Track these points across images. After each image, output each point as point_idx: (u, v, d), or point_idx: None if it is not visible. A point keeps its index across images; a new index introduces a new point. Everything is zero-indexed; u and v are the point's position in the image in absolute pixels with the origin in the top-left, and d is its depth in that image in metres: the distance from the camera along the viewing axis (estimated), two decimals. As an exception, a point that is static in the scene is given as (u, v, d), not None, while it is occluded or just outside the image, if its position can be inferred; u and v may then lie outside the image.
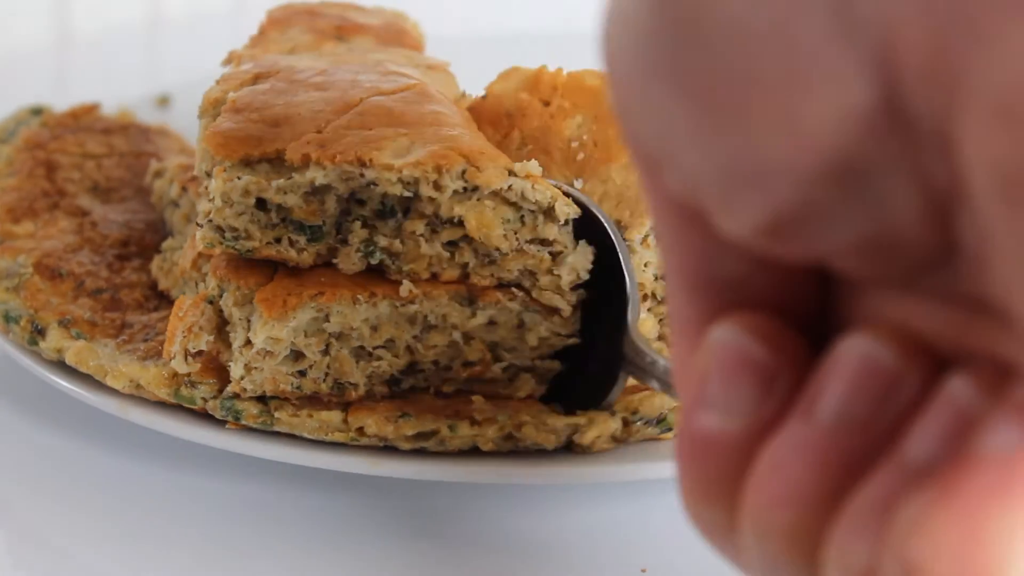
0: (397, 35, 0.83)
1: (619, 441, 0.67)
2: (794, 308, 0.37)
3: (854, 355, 0.35)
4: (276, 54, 0.78)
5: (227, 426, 0.67)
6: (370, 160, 0.65)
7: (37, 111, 0.89)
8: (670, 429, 0.68)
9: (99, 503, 0.69)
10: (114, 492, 0.69)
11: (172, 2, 1.38)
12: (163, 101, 0.99)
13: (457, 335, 0.67)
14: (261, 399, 0.67)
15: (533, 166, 0.66)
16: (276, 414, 0.66)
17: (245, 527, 0.67)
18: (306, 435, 0.66)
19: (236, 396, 0.67)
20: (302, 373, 0.66)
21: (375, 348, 0.66)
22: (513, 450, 0.66)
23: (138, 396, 0.68)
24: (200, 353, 0.67)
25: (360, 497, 0.69)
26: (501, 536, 0.67)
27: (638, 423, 0.67)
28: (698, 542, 0.66)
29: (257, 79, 0.72)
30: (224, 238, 0.66)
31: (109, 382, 0.69)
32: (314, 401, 0.67)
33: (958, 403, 0.33)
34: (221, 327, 0.67)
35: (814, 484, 0.35)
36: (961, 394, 0.33)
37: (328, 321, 0.66)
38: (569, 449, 0.67)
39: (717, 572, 0.64)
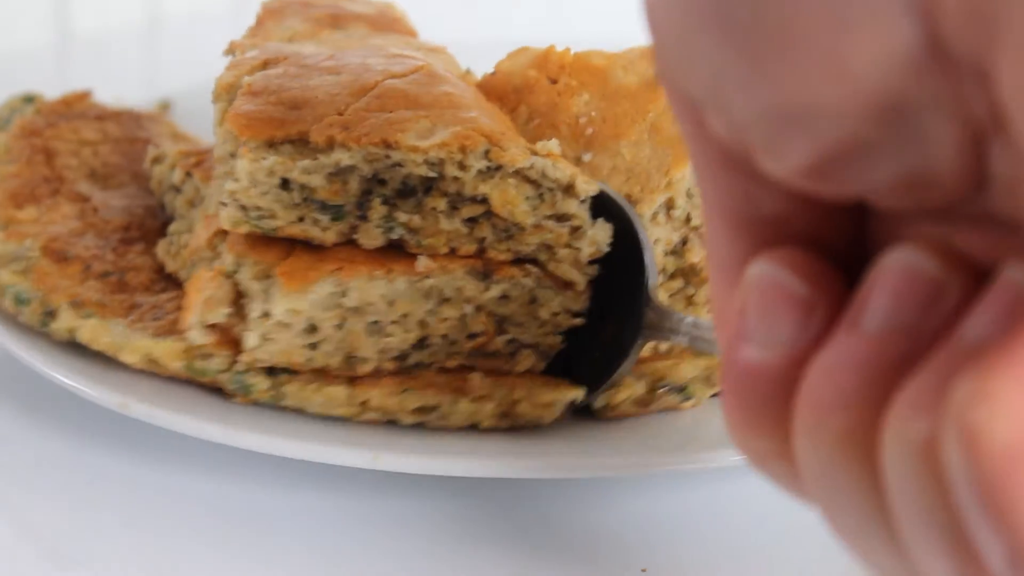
0: (390, 23, 0.84)
1: (642, 406, 0.69)
2: (832, 243, 0.38)
3: (898, 265, 0.35)
4: (277, 42, 0.79)
5: (236, 399, 0.69)
6: (395, 142, 0.67)
7: (29, 99, 0.90)
8: (690, 398, 0.70)
9: (99, 501, 0.69)
10: (114, 491, 0.69)
11: (172, 2, 1.38)
12: (164, 107, 0.99)
13: (469, 308, 0.69)
14: (271, 373, 0.69)
15: (553, 145, 0.68)
16: (284, 388, 0.68)
17: (245, 526, 0.67)
18: (312, 410, 0.68)
19: (248, 370, 0.68)
20: (314, 346, 0.68)
21: (389, 323, 0.68)
22: (512, 427, 0.68)
23: (140, 390, 0.69)
24: (215, 326, 0.68)
25: (360, 496, 0.69)
26: (501, 535, 0.67)
27: (662, 389, 0.70)
28: (698, 542, 0.66)
29: (266, 64, 0.74)
30: (249, 217, 0.68)
31: (123, 357, 0.70)
32: (322, 376, 0.68)
33: (1016, 287, 0.33)
34: (237, 301, 0.68)
35: (865, 386, 0.35)
36: (1019, 278, 0.33)
37: (345, 296, 0.67)
38: (589, 413, 0.69)
39: (717, 572, 0.65)
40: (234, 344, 0.69)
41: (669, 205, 0.72)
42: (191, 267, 0.74)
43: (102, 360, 0.72)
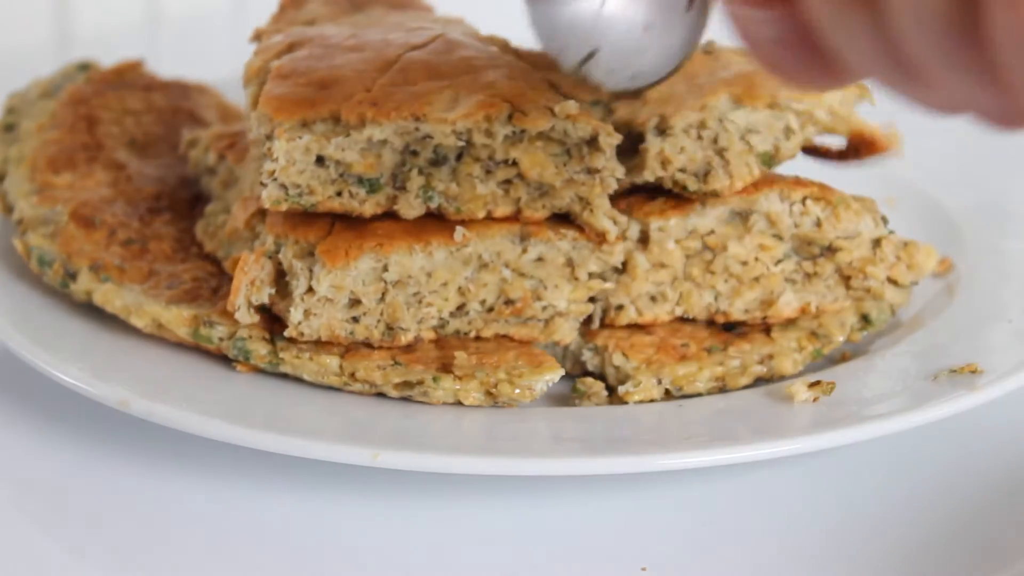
0: (406, 1, 0.86)
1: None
2: None
3: None
4: (300, 26, 0.81)
5: (237, 368, 0.72)
6: (424, 115, 0.70)
7: (84, 67, 0.92)
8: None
9: (99, 499, 0.69)
10: (115, 489, 0.69)
11: (172, 2, 1.38)
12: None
13: (507, 272, 0.72)
14: (270, 341, 0.71)
15: (571, 106, 0.70)
16: (282, 355, 0.71)
17: (245, 523, 0.67)
18: (307, 378, 0.71)
19: (249, 336, 0.71)
20: (356, 319, 0.71)
21: (429, 293, 0.71)
22: (494, 405, 0.70)
23: (141, 388, 0.69)
24: (261, 306, 0.71)
25: (360, 495, 0.69)
26: (501, 535, 0.67)
27: (677, 396, 0.73)
28: (698, 542, 0.66)
29: (292, 48, 0.76)
30: (288, 195, 0.71)
31: (133, 321, 0.73)
32: (319, 345, 0.71)
33: None
34: (279, 280, 0.72)
35: None
36: None
37: (387, 271, 0.71)
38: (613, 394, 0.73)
39: (717, 572, 0.65)
40: (277, 321, 0.72)
41: (701, 126, 0.74)
42: (229, 247, 0.77)
43: (102, 358, 0.72)
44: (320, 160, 0.70)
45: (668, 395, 0.73)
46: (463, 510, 0.68)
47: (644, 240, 0.74)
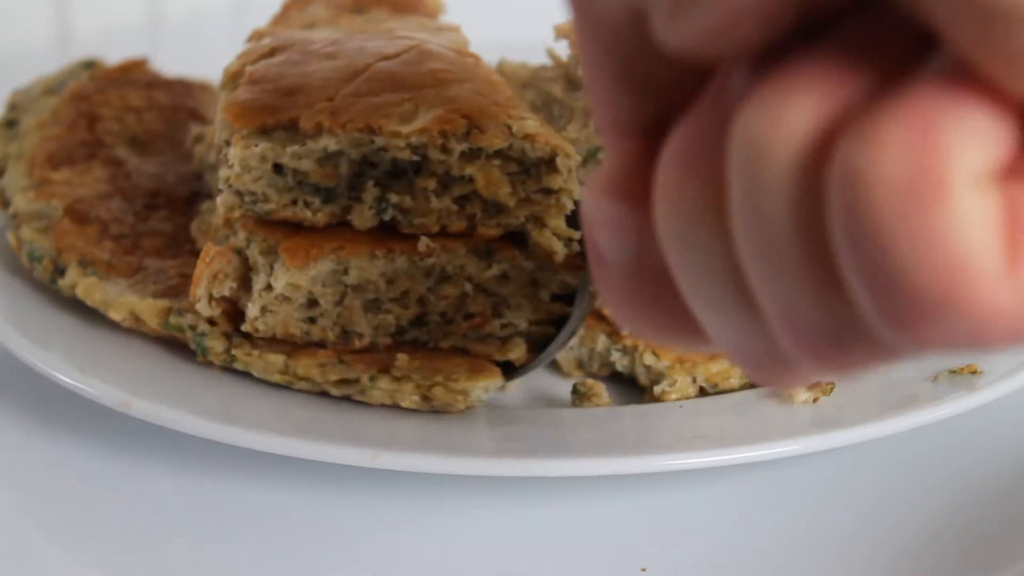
0: (412, 5, 0.86)
1: None
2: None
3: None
4: (296, 29, 0.81)
5: (200, 360, 0.72)
6: (379, 127, 0.69)
7: (89, 64, 0.93)
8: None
9: (99, 500, 0.69)
10: (115, 490, 0.69)
11: (172, 2, 1.38)
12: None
13: (469, 287, 0.71)
14: (228, 338, 0.71)
15: (530, 126, 0.69)
16: (234, 352, 0.71)
17: (245, 524, 0.67)
18: (257, 375, 0.71)
19: (205, 334, 0.71)
20: (313, 320, 0.71)
21: (388, 300, 0.71)
22: (429, 410, 0.70)
23: (141, 388, 0.70)
24: (223, 298, 0.71)
25: (360, 495, 0.69)
26: (501, 535, 0.67)
27: (712, 394, 0.72)
28: (698, 542, 0.66)
29: (274, 52, 0.76)
30: (243, 202, 0.71)
31: (111, 314, 0.74)
32: (272, 343, 0.71)
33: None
34: (245, 275, 0.72)
35: (713, 150, 0.36)
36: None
37: (347, 274, 0.70)
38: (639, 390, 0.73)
39: (717, 572, 0.65)
40: (240, 316, 0.72)
41: None
42: (216, 242, 0.77)
43: (102, 359, 0.72)
44: (278, 168, 0.70)
45: (703, 392, 0.73)
46: (461, 510, 0.68)
47: None
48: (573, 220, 0.71)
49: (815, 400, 0.70)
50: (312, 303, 0.70)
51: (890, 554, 0.65)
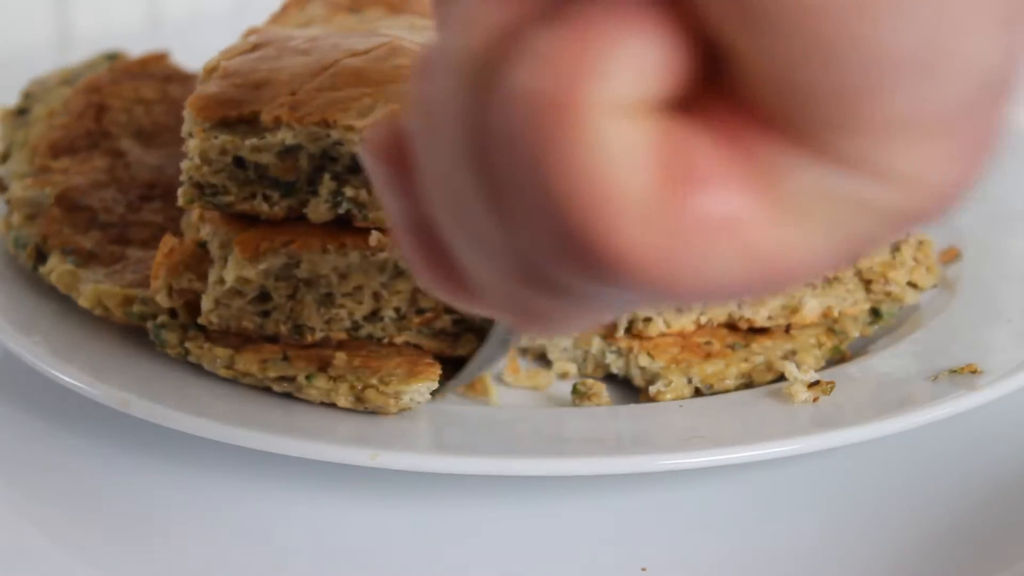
0: (407, 4, 0.86)
1: None
2: None
3: None
4: (290, 28, 0.81)
5: (159, 348, 0.71)
6: (334, 121, 0.69)
7: (112, 56, 0.93)
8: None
9: (100, 500, 0.69)
10: (115, 490, 0.69)
11: (172, 2, 1.38)
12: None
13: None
14: (184, 329, 0.72)
15: None
16: (187, 344, 0.71)
17: (245, 523, 0.67)
18: (207, 368, 0.71)
19: (163, 325, 0.72)
20: (266, 314, 0.71)
21: (341, 295, 0.71)
22: (364, 410, 0.69)
23: (141, 388, 0.69)
24: (183, 290, 0.72)
25: (360, 494, 0.69)
26: (501, 534, 0.67)
27: (707, 394, 0.72)
28: (698, 542, 0.66)
29: (255, 48, 0.76)
30: (203, 194, 0.71)
31: (81, 302, 0.74)
32: (223, 337, 0.71)
33: None
34: (205, 269, 0.72)
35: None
36: None
37: (298, 268, 0.71)
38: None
39: (717, 572, 0.65)
40: (199, 309, 0.72)
41: None
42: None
43: (102, 359, 0.72)
44: (240, 162, 0.70)
45: (698, 393, 0.73)
46: (462, 510, 0.68)
47: None
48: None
49: (815, 400, 0.70)
50: (265, 297, 0.71)
51: (890, 554, 0.65)
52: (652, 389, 0.73)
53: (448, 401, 0.72)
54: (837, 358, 0.76)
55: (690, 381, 0.73)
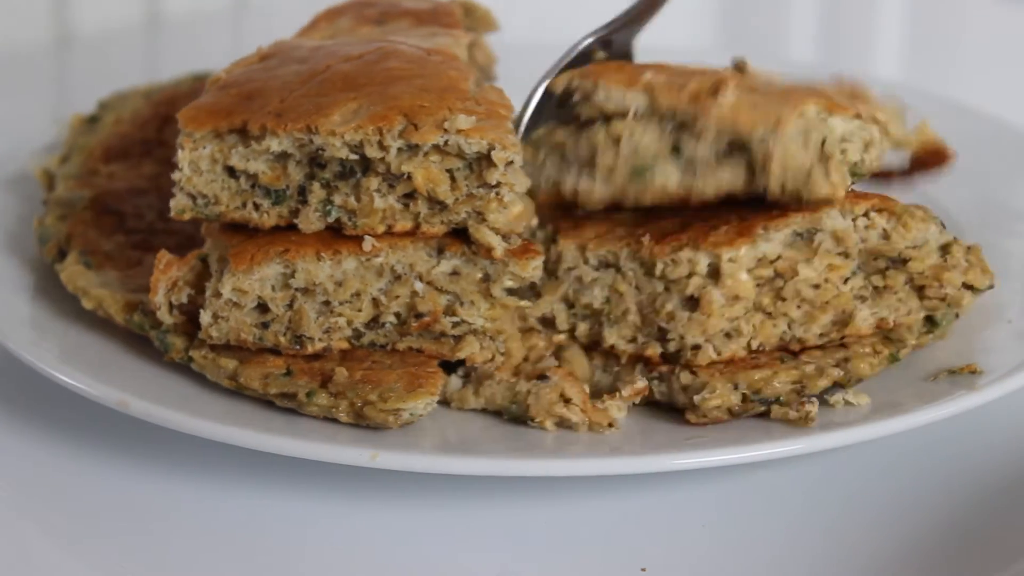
0: (436, 16, 0.85)
1: (733, 415, 0.70)
2: None
3: None
4: (303, 39, 0.81)
5: (164, 357, 0.72)
6: (316, 127, 0.69)
7: (200, 77, 0.93)
8: (782, 405, 0.70)
9: (99, 500, 0.69)
10: (114, 489, 0.69)
11: (172, 2, 1.38)
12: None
13: (420, 285, 0.70)
14: (190, 337, 0.71)
15: (462, 121, 0.69)
16: (192, 352, 0.71)
17: (244, 523, 0.67)
18: (211, 377, 0.70)
19: (169, 331, 0.72)
20: (265, 325, 0.70)
21: (339, 303, 0.70)
22: (366, 426, 0.68)
23: (140, 389, 0.69)
24: (183, 305, 0.72)
25: (359, 495, 0.69)
26: (502, 534, 0.67)
27: (755, 400, 0.70)
28: (698, 542, 0.66)
29: (263, 59, 0.76)
30: (195, 204, 0.71)
31: (84, 304, 0.75)
32: (228, 349, 0.71)
33: None
34: (203, 283, 0.71)
35: None
36: None
37: (294, 276, 0.70)
38: (675, 412, 0.70)
39: (717, 572, 0.65)
40: (198, 323, 0.71)
41: (806, 132, 0.71)
42: None
43: (102, 359, 0.72)
44: (232, 171, 0.71)
45: (745, 399, 0.70)
46: (462, 510, 0.68)
47: (715, 274, 0.71)
48: None
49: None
50: (263, 308, 0.70)
51: (890, 553, 0.65)
52: (697, 398, 0.70)
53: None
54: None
55: (736, 387, 0.70)
